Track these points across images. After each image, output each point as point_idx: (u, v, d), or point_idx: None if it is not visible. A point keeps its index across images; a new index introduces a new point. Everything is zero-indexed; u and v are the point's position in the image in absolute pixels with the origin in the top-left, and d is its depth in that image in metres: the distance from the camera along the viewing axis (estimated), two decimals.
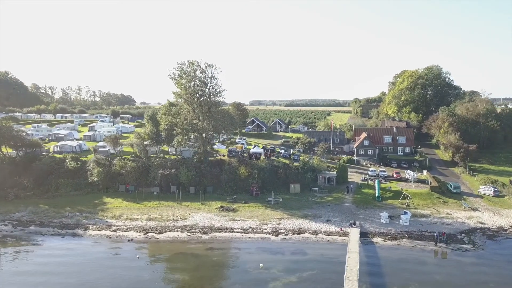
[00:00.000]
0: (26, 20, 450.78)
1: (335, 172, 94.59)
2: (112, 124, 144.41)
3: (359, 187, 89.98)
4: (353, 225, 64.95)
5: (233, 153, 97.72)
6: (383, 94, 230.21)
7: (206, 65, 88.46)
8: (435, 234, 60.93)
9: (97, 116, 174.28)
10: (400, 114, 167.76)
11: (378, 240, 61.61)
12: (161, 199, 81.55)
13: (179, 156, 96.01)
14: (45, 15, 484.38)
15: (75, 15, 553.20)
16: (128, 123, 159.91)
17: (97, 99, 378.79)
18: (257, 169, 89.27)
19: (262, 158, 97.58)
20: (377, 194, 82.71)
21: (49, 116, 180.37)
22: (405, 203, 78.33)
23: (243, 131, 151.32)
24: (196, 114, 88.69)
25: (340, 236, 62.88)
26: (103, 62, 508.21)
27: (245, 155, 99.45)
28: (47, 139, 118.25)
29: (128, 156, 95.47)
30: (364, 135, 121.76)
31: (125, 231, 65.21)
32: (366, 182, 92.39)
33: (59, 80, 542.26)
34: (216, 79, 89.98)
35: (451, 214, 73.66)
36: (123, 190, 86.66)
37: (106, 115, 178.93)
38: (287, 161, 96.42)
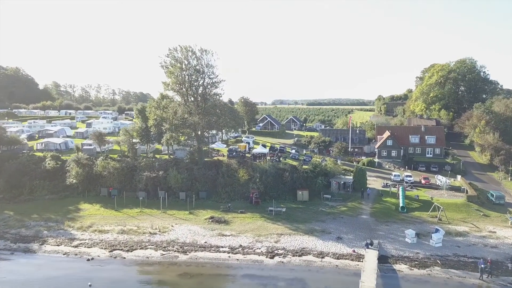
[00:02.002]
0: (49, 19, 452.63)
1: (351, 177, 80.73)
2: (111, 120, 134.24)
3: (380, 195, 75.91)
4: (369, 246, 51.35)
5: (234, 153, 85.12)
6: (410, 91, 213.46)
7: (201, 50, 76.29)
8: (478, 263, 46.40)
9: (101, 113, 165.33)
10: (428, 112, 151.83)
11: (401, 267, 47.74)
12: (144, 206, 69.95)
13: (172, 156, 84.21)
14: (65, 14, 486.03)
15: (95, 14, 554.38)
16: (132, 120, 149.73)
17: (117, 97, 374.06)
18: (259, 172, 76.41)
19: (268, 158, 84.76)
20: (401, 205, 68.60)
21: (53, 112, 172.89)
22: (436, 217, 64.00)
23: (253, 129, 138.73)
24: (188, 107, 76.53)
25: (352, 260, 49.37)
26: (123, 60, 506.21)
27: (247, 155, 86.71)
28: (37, 135, 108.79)
29: (115, 156, 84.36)
30: (387, 134, 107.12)
31: (88, 247, 53.61)
32: (388, 189, 78.18)
33: (80, 78, 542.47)
34: (212, 67, 77.68)
35: (495, 232, 58.85)
36: (106, 194, 75.61)
37: (110, 112, 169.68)
38: (296, 163, 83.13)
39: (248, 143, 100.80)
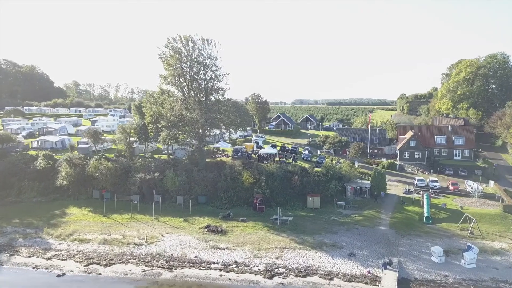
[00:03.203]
0: (72, 19, 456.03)
1: (369, 182, 72.19)
2: (118, 118, 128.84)
3: (401, 202, 67.16)
4: (388, 266, 43.08)
5: (239, 154, 77.58)
6: (434, 89, 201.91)
7: (203, 40, 69.19)
8: None
9: (110, 111, 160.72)
10: (455, 111, 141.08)
11: None
12: (137, 211, 63.35)
13: (171, 156, 77.43)
14: (87, 14, 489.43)
15: (115, 13, 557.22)
16: None
17: (135, 96, 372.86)
18: (265, 175, 68.80)
19: (277, 159, 77.02)
20: (426, 214, 59.81)
21: (63, 110, 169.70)
22: (468, 230, 55.02)
23: (266, 128, 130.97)
24: (188, 103, 69.48)
25: (366, 284, 41.17)
26: (142, 60, 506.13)
27: (253, 156, 79.11)
28: (37, 133, 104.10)
29: (112, 155, 78.19)
30: (410, 133, 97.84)
31: (63, 260, 47.12)
32: (411, 196, 69.32)
33: (100, 77, 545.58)
34: (215, 58, 70.46)
35: None
36: (98, 197, 69.43)
37: (120, 110, 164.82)
38: (307, 165, 75.09)
39: (257, 142, 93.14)
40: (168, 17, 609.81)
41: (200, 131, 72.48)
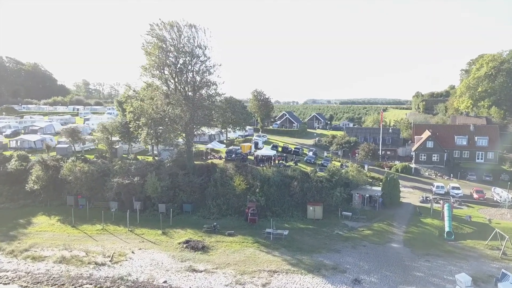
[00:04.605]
0: (81, 17, 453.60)
1: (380, 188, 62.97)
2: (115, 116, 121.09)
3: (417, 214, 57.81)
4: None
5: (233, 156, 69.00)
6: (452, 87, 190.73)
7: (189, 26, 60.87)
8: None
9: (108, 109, 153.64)
10: (475, 109, 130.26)
11: None
12: (111, 220, 55.36)
13: (157, 158, 69.28)
14: (95, 12, 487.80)
15: (123, 12, 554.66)
16: None
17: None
18: (260, 181, 60.25)
19: (277, 162, 68.37)
20: (447, 229, 50.49)
21: (61, 108, 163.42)
22: (499, 249, 45.59)
23: (270, 127, 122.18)
24: (172, 97, 61.17)
25: None
26: None
27: (250, 158, 70.51)
28: (23, 131, 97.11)
29: (92, 156, 70.48)
30: (427, 133, 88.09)
31: (5, 284, 39.09)
32: (428, 206, 59.89)
33: (109, 76, 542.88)
34: (205, 47, 62.09)
35: None
36: (72, 203, 61.68)
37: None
38: (310, 169, 66.18)
39: (257, 143, 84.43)
40: (177, 16, 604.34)
41: (187, 129, 64.13)
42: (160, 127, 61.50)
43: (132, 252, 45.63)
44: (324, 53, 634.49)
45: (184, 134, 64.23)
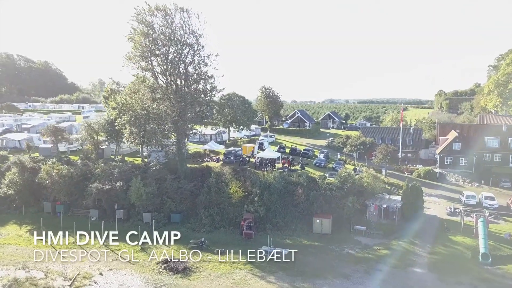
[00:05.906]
0: (97, 17, 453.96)
1: (399, 197, 54.18)
2: None
3: (445, 230, 48.84)
4: None
5: (231, 158, 61.11)
6: (477, 85, 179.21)
7: (180, 11, 53.38)
8: None
9: None
10: (505, 108, 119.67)
11: None
12: (88, 232, 48.03)
13: (146, 160, 61.96)
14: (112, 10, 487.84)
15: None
16: None
17: None
18: (260, 187, 52.28)
19: (279, 165, 60.30)
20: (482, 250, 41.59)
21: (67, 106, 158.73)
22: None
23: (280, 126, 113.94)
24: (158, 92, 53.76)
25: None
26: None
27: (250, 160, 62.59)
28: (15, 130, 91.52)
29: (77, 158, 63.73)
30: (453, 134, 78.52)
31: None
32: (458, 220, 50.80)
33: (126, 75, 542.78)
34: (198, 35, 54.52)
35: None
36: (50, 210, 55.07)
37: None
38: (318, 174, 57.90)
39: (262, 143, 76.32)
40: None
41: (177, 128, 56.54)
42: (150, 125, 54.03)
43: (100, 274, 38.37)
44: (337, 52, 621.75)
45: (174, 134, 56.77)
